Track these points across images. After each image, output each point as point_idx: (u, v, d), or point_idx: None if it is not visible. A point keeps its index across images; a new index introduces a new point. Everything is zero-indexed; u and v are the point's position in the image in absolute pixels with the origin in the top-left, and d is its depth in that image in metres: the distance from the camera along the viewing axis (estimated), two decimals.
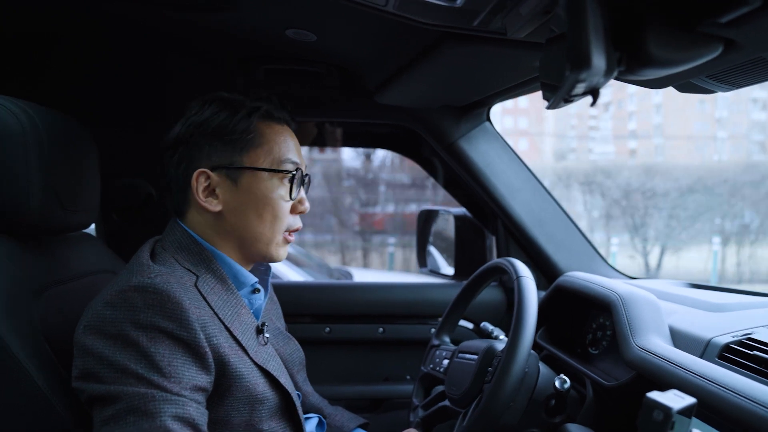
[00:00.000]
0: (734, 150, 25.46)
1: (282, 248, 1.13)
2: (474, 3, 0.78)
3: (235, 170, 1.07)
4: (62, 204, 1.10)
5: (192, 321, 0.92)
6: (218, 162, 1.07)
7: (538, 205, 1.83)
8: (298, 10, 1.14)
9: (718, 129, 26.67)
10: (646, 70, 0.62)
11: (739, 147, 25.46)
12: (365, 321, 1.96)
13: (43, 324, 1.02)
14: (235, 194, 1.07)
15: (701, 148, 26.90)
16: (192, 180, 1.06)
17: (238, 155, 1.07)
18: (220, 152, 1.07)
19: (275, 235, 1.10)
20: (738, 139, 25.54)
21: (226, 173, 1.07)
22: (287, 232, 1.12)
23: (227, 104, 1.09)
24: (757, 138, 25.08)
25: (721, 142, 26.26)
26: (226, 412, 0.99)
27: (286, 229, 1.11)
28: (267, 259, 1.13)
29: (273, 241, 1.10)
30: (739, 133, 25.51)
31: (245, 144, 1.07)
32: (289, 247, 1.15)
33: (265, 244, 1.10)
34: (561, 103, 0.69)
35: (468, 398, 1.27)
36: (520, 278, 1.20)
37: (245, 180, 1.07)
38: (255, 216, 1.08)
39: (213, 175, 1.07)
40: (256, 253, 1.11)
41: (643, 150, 30.78)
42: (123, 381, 0.87)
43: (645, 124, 30.37)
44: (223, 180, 1.07)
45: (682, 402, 0.65)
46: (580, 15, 0.51)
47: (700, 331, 1.13)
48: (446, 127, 1.78)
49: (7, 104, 1.02)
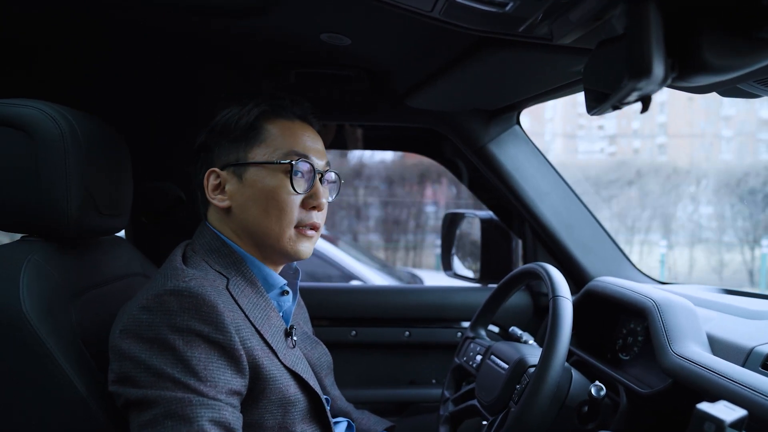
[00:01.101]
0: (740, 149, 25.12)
1: (299, 243, 1.10)
2: (524, 9, 0.77)
3: (241, 166, 1.09)
4: (98, 208, 1.12)
5: (227, 324, 0.93)
6: (227, 160, 1.10)
7: (567, 209, 1.82)
8: (337, 15, 1.14)
9: (723, 127, 26.30)
10: (698, 76, 0.61)
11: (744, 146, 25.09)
12: (391, 324, 1.95)
13: (80, 327, 1.03)
14: (241, 190, 1.09)
15: (706, 148, 26.55)
16: (204, 179, 1.10)
17: (243, 152, 1.09)
18: (227, 150, 1.10)
19: (284, 229, 1.08)
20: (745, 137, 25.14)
21: (233, 170, 1.09)
22: (301, 227, 1.10)
23: (237, 104, 1.12)
24: (764, 137, 24.67)
25: (726, 142, 25.89)
26: (260, 415, 0.99)
27: (297, 224, 1.09)
28: (285, 256, 1.11)
29: (283, 235, 1.08)
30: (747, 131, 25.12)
31: (249, 140, 1.09)
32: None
33: (275, 240, 1.08)
34: (609, 110, 0.68)
35: (496, 408, 1.26)
36: (557, 298, 1.18)
37: (250, 175, 1.08)
38: (260, 210, 1.07)
39: (222, 173, 1.10)
40: (272, 250, 1.10)
41: (645, 149, 30.55)
42: (160, 385, 0.87)
43: (649, 123, 30.12)
44: (231, 177, 1.09)
45: (734, 414, 0.64)
46: (641, 23, 0.50)
47: (741, 339, 1.11)
48: (476, 130, 1.77)
49: (45, 109, 1.03)
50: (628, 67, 0.52)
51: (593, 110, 0.72)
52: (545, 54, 1.07)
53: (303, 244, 1.11)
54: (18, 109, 1.02)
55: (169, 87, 1.69)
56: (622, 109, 0.67)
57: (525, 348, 1.33)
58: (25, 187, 1.01)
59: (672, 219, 13.26)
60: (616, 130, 31.07)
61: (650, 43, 0.51)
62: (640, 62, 0.51)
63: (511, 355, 1.30)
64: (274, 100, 1.14)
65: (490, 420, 1.27)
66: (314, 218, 1.11)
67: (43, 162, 1.01)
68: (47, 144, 1.01)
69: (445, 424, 1.43)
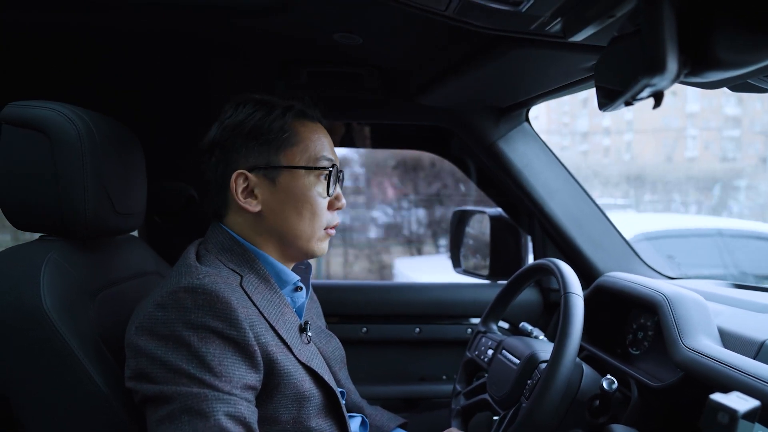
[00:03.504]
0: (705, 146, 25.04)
1: (323, 243, 1.15)
2: (537, 8, 0.78)
3: (273, 170, 1.09)
4: (114, 208, 1.13)
5: (241, 320, 0.94)
6: (255, 162, 1.09)
7: (576, 206, 1.82)
8: (350, 15, 1.15)
9: (689, 125, 26.25)
10: (711, 72, 0.62)
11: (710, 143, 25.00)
12: (402, 321, 1.97)
13: (97, 325, 1.05)
14: (273, 194, 1.09)
15: (671, 145, 26.47)
16: (231, 182, 1.08)
17: (274, 155, 1.09)
18: (256, 153, 1.09)
19: (315, 231, 1.11)
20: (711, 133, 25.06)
21: (263, 173, 1.09)
22: (328, 228, 1.14)
23: (261, 105, 1.11)
24: (730, 134, 24.55)
25: (691, 140, 25.81)
26: (275, 410, 1.00)
27: (326, 226, 1.13)
28: (308, 255, 1.14)
29: (314, 237, 1.12)
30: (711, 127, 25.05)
31: (281, 143, 1.09)
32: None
33: (306, 241, 1.11)
34: (621, 106, 0.69)
35: (507, 403, 1.27)
36: (569, 295, 1.18)
37: (283, 179, 1.09)
38: (294, 214, 1.09)
39: (251, 176, 1.09)
40: (297, 251, 1.13)
41: (614, 147, 30.52)
42: (176, 381, 0.89)
43: (618, 121, 30.13)
44: (261, 180, 1.09)
45: (747, 405, 0.64)
46: (656, 18, 0.51)
47: (752, 333, 1.11)
48: (486, 128, 1.77)
49: (62, 110, 1.04)
50: (642, 62, 0.53)
51: (605, 107, 0.72)
52: (557, 51, 1.08)
53: (325, 243, 1.16)
54: (36, 111, 1.03)
55: (180, 87, 1.71)
56: (633, 105, 0.68)
57: (536, 343, 1.34)
58: (44, 188, 1.03)
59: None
60: (588, 128, 31.01)
61: (664, 38, 0.52)
62: (655, 58, 0.52)
63: (523, 350, 1.31)
64: (299, 102, 1.14)
65: (502, 414, 1.28)
66: (337, 219, 1.16)
67: (61, 162, 1.03)
68: (65, 145, 1.03)
69: (456, 418, 1.44)
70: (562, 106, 32.38)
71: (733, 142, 26.06)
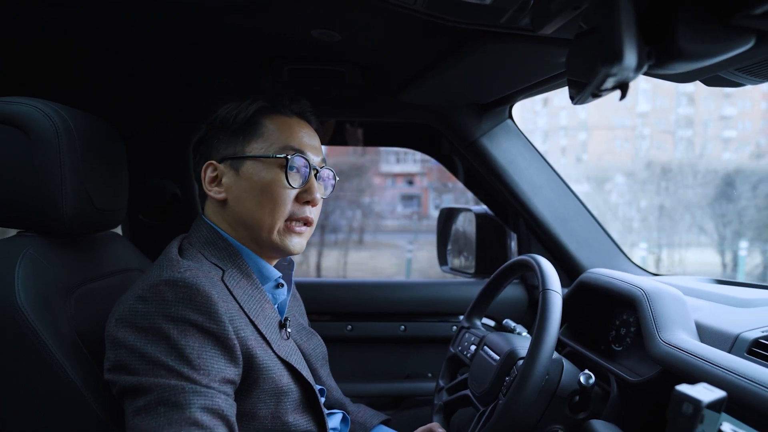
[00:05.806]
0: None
1: (288, 238, 1.12)
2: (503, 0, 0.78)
3: (238, 160, 1.11)
4: (93, 203, 1.13)
5: (221, 314, 0.94)
6: (224, 154, 1.13)
7: (561, 203, 1.83)
8: (325, 11, 1.15)
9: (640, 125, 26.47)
10: (675, 63, 0.62)
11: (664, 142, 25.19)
12: (387, 319, 1.97)
13: (75, 320, 1.04)
14: (237, 182, 1.11)
15: (623, 144, 26.65)
16: (201, 172, 1.14)
17: (240, 146, 1.12)
18: (225, 144, 1.13)
19: (275, 221, 1.10)
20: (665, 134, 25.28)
21: (230, 164, 1.12)
22: (290, 221, 1.12)
23: (237, 101, 1.15)
24: (684, 134, 24.73)
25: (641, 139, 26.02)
26: (253, 405, 1.01)
27: (289, 217, 1.11)
28: (277, 249, 1.13)
29: (273, 228, 1.10)
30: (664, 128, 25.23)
31: (246, 134, 1.12)
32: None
33: (267, 232, 1.10)
34: (589, 98, 0.69)
35: (486, 400, 1.27)
36: (547, 291, 1.18)
37: (246, 168, 1.10)
38: (254, 203, 1.10)
39: (219, 166, 1.13)
40: (265, 243, 1.12)
41: (570, 147, 30.66)
42: (154, 373, 0.89)
43: (574, 119, 30.27)
44: (227, 170, 1.12)
45: (712, 395, 0.64)
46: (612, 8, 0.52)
47: (728, 327, 1.12)
48: (468, 125, 1.78)
49: (40, 107, 1.04)
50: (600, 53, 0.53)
51: (575, 99, 0.73)
52: (531, 45, 1.08)
53: (292, 239, 1.13)
54: (14, 107, 1.03)
55: (163, 84, 1.70)
56: (601, 97, 0.68)
57: (517, 340, 1.34)
58: (21, 183, 1.03)
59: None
60: (548, 125, 31.07)
61: (620, 27, 0.52)
62: (611, 47, 0.52)
63: (503, 346, 1.31)
64: (273, 96, 1.17)
65: (481, 411, 1.28)
66: (307, 213, 1.13)
67: (39, 158, 1.02)
68: (42, 141, 1.02)
69: (438, 413, 1.44)
70: (534, 105, 32.34)
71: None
